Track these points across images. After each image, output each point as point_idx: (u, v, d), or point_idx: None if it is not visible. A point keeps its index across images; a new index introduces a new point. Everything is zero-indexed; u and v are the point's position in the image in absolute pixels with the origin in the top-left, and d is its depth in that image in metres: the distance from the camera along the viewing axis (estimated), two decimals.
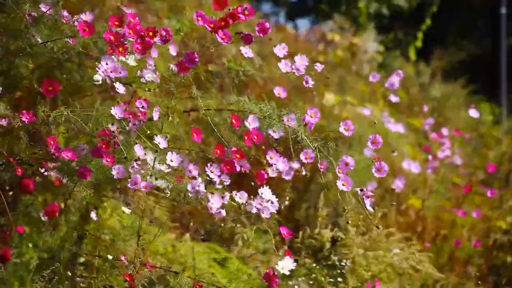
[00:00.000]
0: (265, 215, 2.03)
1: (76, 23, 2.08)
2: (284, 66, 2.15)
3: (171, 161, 1.97)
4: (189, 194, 1.99)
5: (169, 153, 1.97)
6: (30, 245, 2.22)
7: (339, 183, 1.96)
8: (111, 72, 2.01)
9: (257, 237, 3.02)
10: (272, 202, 2.03)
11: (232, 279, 2.49)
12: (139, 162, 1.96)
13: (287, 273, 2.01)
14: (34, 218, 2.20)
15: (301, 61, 2.16)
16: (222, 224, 2.92)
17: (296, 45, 6.21)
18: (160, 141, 1.98)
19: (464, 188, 4.05)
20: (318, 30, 7.62)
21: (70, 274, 2.33)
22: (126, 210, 2.41)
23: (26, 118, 1.99)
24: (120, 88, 2.04)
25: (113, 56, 2.00)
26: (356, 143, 4.16)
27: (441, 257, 3.86)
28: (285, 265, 2.02)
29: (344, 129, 2.04)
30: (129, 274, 2.07)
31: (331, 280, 2.81)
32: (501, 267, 4.01)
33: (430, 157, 4.07)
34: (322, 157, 1.97)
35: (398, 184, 3.56)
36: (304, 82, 2.14)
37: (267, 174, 2.04)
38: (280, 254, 3.05)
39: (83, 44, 2.08)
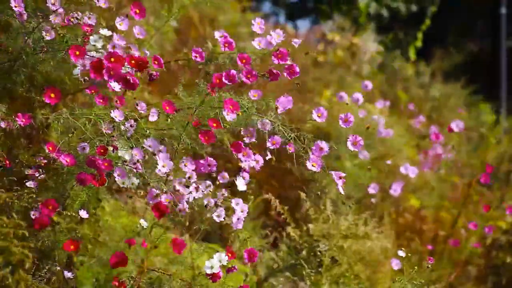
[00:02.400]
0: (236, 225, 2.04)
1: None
2: (258, 43, 2.15)
3: (163, 166, 1.97)
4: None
5: (161, 158, 1.96)
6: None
7: (308, 164, 1.98)
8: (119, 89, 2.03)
9: (254, 235, 3.03)
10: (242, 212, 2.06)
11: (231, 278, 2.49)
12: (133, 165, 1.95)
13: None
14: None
15: (277, 35, 2.16)
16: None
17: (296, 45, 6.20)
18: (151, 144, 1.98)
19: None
20: (318, 30, 7.62)
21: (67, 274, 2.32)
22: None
23: (22, 121, 1.97)
24: (116, 87, 2.03)
25: None
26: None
27: (441, 257, 3.87)
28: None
29: (317, 115, 2.05)
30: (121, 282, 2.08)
31: (312, 272, 2.84)
32: (501, 267, 4.01)
33: (429, 157, 4.07)
34: (297, 146, 1.98)
35: (395, 189, 3.57)
36: (274, 58, 2.14)
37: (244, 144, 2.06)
38: (280, 254, 3.06)
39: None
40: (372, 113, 4.20)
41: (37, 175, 2.02)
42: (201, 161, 2.04)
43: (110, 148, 1.94)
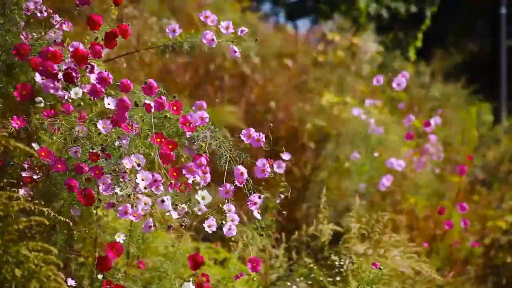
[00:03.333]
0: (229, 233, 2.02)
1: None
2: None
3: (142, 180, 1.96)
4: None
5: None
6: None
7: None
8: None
9: (256, 235, 3.02)
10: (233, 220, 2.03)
11: (232, 278, 2.49)
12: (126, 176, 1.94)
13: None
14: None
15: (227, 25, 2.15)
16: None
17: (296, 45, 6.22)
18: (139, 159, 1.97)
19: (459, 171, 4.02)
20: (318, 30, 7.62)
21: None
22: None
23: (17, 124, 2.00)
24: (111, 103, 2.01)
25: None
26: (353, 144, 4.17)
27: (439, 257, 3.87)
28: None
29: (247, 137, 2.03)
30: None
31: (330, 279, 2.81)
32: (501, 267, 4.01)
33: (428, 156, 4.08)
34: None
35: (384, 183, 3.57)
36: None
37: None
38: (278, 252, 3.06)
39: None
40: (372, 112, 4.20)
41: (34, 177, 2.02)
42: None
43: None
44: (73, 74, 1.98)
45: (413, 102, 6.15)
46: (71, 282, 2.14)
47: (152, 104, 1.99)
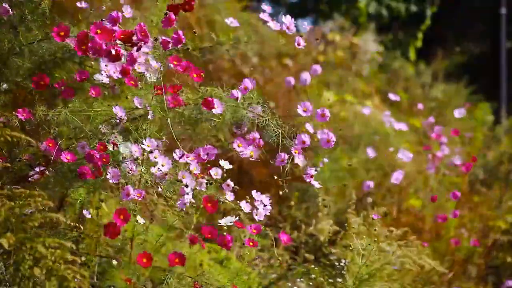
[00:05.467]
0: (258, 217, 2.01)
1: None
2: None
3: (162, 165, 1.95)
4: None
5: (160, 156, 1.95)
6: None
7: (296, 159, 1.97)
8: (113, 72, 2.01)
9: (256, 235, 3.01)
10: (264, 205, 2.03)
11: (232, 279, 2.49)
12: (133, 165, 1.94)
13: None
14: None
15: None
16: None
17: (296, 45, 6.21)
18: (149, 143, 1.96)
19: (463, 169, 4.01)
20: (318, 30, 7.62)
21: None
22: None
23: (23, 116, 1.99)
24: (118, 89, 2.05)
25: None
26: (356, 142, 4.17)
27: (440, 257, 3.86)
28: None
29: (303, 110, 2.04)
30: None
31: (331, 280, 2.80)
32: (501, 267, 4.01)
33: (430, 156, 4.07)
34: (284, 141, 1.98)
35: (397, 177, 3.56)
36: None
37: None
38: (278, 252, 3.06)
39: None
40: (373, 111, 4.21)
41: (38, 170, 2.02)
42: (201, 149, 1.98)
43: (110, 146, 1.94)
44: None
45: (414, 102, 6.15)
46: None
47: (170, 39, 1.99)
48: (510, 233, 4.13)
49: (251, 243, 2.04)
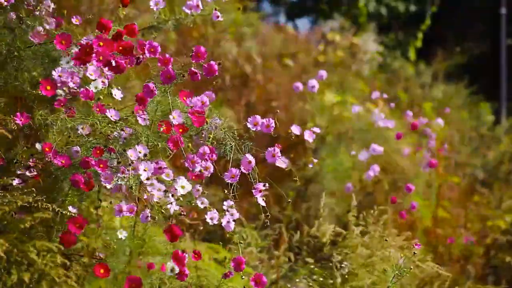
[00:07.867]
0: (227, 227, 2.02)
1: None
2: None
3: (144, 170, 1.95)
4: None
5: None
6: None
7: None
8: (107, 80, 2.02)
9: (256, 235, 3.03)
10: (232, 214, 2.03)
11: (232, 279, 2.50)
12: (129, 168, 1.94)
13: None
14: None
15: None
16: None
17: (296, 45, 6.22)
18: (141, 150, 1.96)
19: None
20: (318, 30, 7.63)
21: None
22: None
23: (21, 120, 1.99)
24: (117, 94, 2.05)
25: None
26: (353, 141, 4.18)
27: (439, 257, 3.87)
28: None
29: (253, 124, 2.04)
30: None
31: (331, 282, 2.80)
32: (500, 267, 4.02)
33: (429, 156, 4.08)
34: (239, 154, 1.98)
35: (369, 174, 3.58)
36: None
37: None
38: (278, 252, 3.07)
39: None
40: (371, 110, 4.21)
41: (28, 174, 2.02)
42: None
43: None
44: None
45: (414, 102, 6.17)
46: None
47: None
48: (510, 233, 4.14)
49: (195, 255, 2.06)
